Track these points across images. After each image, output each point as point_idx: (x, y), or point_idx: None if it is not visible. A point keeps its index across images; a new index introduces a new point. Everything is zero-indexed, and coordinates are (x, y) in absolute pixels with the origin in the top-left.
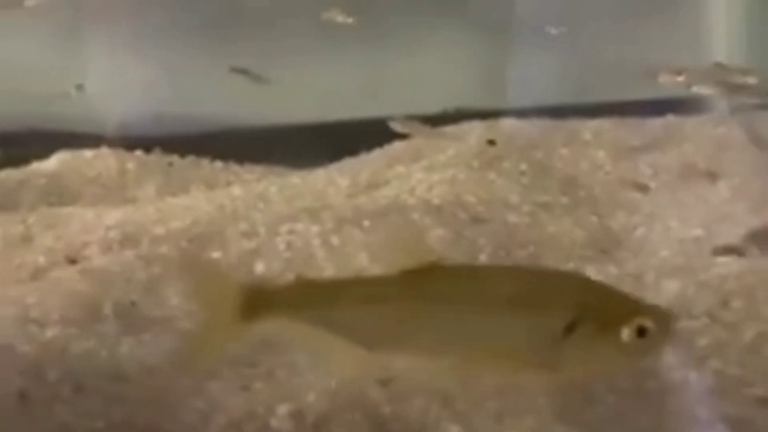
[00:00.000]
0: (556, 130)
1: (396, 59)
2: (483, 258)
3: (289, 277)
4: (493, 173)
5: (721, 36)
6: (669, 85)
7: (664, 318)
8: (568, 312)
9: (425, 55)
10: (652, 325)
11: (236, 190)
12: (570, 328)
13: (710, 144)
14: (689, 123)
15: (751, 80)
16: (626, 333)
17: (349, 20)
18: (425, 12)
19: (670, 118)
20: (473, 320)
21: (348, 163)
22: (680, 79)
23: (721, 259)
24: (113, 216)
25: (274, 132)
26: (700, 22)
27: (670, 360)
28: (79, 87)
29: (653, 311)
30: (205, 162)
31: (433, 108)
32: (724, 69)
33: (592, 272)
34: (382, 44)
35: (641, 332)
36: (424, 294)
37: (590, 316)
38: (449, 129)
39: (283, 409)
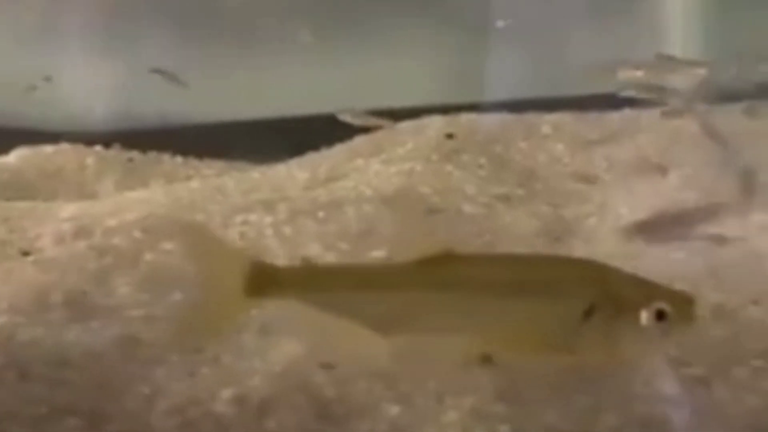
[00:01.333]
0: (515, 123)
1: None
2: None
3: None
4: (451, 166)
5: (678, 29)
6: (628, 80)
7: (683, 302)
8: (587, 297)
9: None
10: (671, 308)
11: (194, 184)
12: (589, 313)
13: (664, 136)
14: (645, 116)
15: (701, 71)
16: (645, 317)
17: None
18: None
19: (627, 112)
20: (491, 306)
21: (309, 158)
22: (640, 74)
23: (669, 245)
24: (68, 209)
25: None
26: (656, 15)
27: None
28: (48, 79)
29: (672, 295)
30: (165, 157)
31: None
32: (671, 61)
33: None
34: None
35: (660, 316)
36: (441, 281)
37: (609, 300)
38: (409, 123)
39: (227, 394)
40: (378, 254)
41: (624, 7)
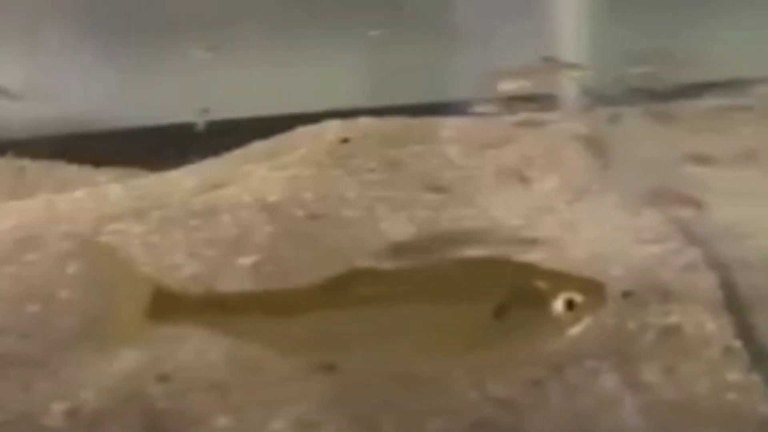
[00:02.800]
0: (412, 127)
1: None
2: (308, 252)
3: None
4: (340, 170)
5: (567, 35)
6: (510, 90)
7: (592, 288)
8: (496, 295)
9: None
10: (580, 296)
11: (79, 193)
12: (501, 311)
13: (552, 140)
14: (538, 119)
15: (576, 74)
16: (555, 307)
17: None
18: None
19: (522, 115)
20: (406, 318)
21: (206, 164)
22: (522, 84)
23: (529, 248)
24: None
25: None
26: (544, 20)
27: None
28: None
29: (580, 283)
30: (59, 165)
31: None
32: (554, 63)
33: None
34: None
35: (570, 305)
36: (349, 299)
37: (519, 295)
38: (309, 128)
39: (59, 407)
40: (246, 261)
41: (514, 11)
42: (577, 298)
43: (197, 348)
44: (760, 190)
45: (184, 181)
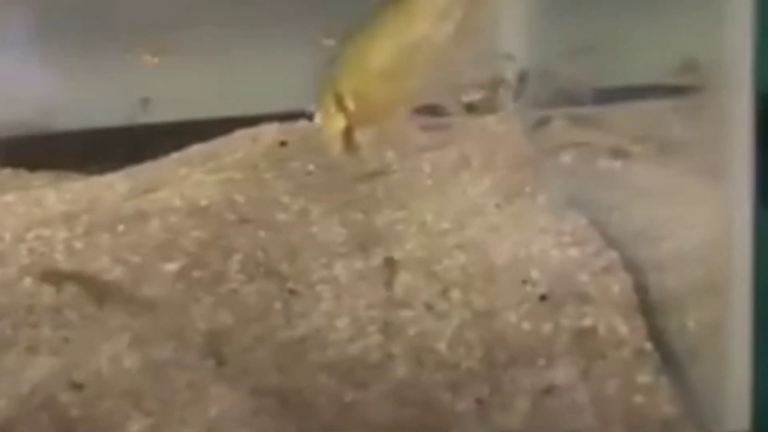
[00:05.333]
0: None
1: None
2: (238, 258)
3: (26, 282)
4: (275, 174)
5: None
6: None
7: None
8: None
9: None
10: None
11: (9, 197)
12: None
13: (489, 141)
14: (475, 122)
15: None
16: None
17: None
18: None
19: (460, 117)
20: None
21: (143, 167)
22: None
23: (456, 252)
24: None
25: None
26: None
27: None
28: None
29: None
30: None
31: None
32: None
33: (339, 267)
34: None
35: None
36: None
37: None
38: (247, 131)
39: None
40: (171, 267)
41: None
42: None
43: (111, 355)
44: (679, 190)
45: (117, 185)
